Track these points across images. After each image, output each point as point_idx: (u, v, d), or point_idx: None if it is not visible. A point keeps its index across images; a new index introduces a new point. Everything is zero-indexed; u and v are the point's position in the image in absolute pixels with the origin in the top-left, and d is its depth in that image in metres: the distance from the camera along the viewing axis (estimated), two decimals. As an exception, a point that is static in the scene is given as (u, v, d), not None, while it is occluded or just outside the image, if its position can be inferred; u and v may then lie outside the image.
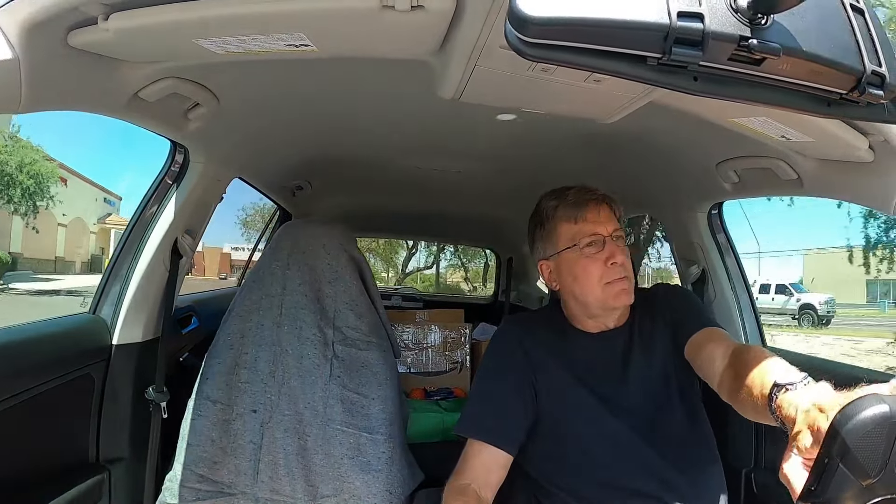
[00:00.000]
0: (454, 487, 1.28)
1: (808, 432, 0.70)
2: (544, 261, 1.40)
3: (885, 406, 0.60)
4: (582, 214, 1.33)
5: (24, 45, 0.82)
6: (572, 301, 1.38)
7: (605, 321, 1.38)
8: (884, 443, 0.59)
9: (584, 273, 1.31)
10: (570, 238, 1.33)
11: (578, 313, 1.40)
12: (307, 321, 1.67)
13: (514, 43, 0.61)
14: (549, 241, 1.37)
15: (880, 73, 0.67)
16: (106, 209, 31.53)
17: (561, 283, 1.37)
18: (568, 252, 1.33)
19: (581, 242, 1.31)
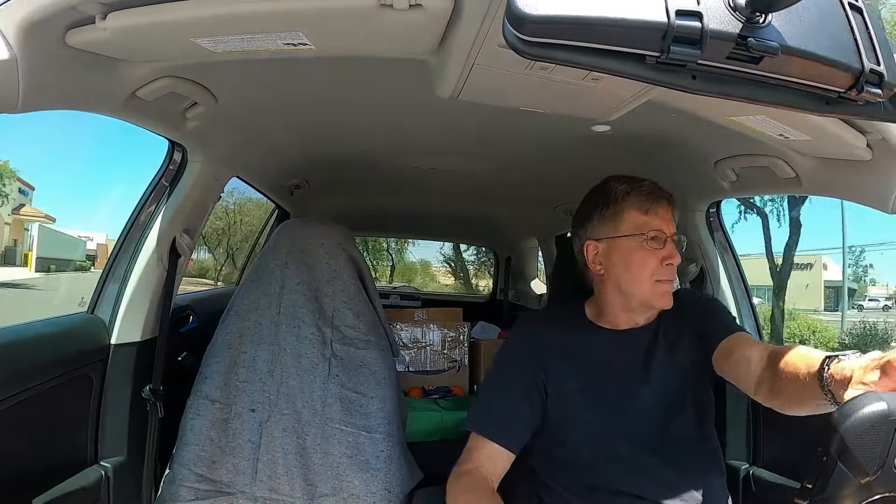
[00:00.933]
0: (460, 472, 1.31)
1: (876, 371, 0.70)
2: (594, 241, 1.34)
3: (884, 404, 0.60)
4: (654, 208, 1.31)
5: (22, 44, 0.81)
6: (613, 290, 1.34)
7: (637, 318, 1.37)
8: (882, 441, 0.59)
9: (640, 264, 1.28)
10: (636, 226, 1.29)
11: (613, 305, 1.36)
12: (305, 320, 1.67)
13: (512, 41, 0.61)
14: (610, 223, 1.32)
15: (878, 71, 0.67)
16: (20, 199, 29.30)
17: (608, 268, 1.33)
18: (628, 239, 1.29)
19: (648, 234, 1.28)
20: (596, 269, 1.35)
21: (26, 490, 1.25)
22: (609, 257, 1.32)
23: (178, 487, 1.55)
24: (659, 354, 1.34)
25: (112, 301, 1.57)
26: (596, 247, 1.34)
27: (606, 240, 1.33)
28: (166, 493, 1.56)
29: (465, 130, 1.67)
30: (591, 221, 1.36)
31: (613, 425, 1.30)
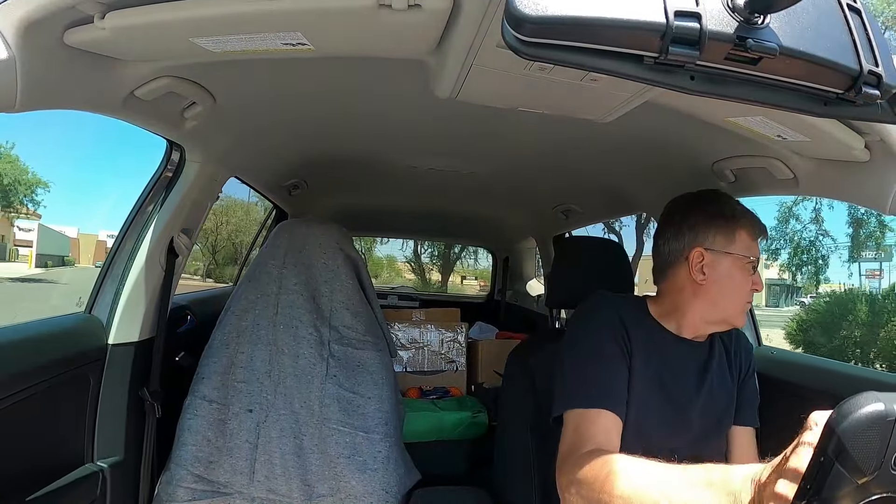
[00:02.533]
0: (586, 455, 1.08)
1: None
2: (705, 249, 1.33)
3: (881, 404, 0.60)
4: (761, 238, 1.35)
5: (20, 43, 0.81)
6: (706, 301, 1.34)
7: (707, 331, 1.38)
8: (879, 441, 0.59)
9: (741, 284, 1.31)
10: (746, 248, 1.32)
11: (698, 315, 1.36)
12: (303, 320, 1.67)
13: (510, 42, 0.61)
14: (725, 237, 1.33)
15: (876, 72, 0.67)
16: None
17: (711, 280, 1.32)
18: (738, 258, 1.31)
19: (754, 261, 1.33)
20: (698, 277, 1.33)
21: (23, 489, 1.25)
22: (716, 269, 1.32)
23: (175, 487, 1.55)
24: (713, 371, 1.36)
25: (110, 301, 1.57)
26: (703, 255, 1.33)
27: (717, 252, 1.32)
28: (163, 493, 1.56)
29: (464, 131, 1.67)
30: (704, 229, 1.35)
31: (672, 429, 1.29)
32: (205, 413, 1.59)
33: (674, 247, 1.37)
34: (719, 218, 1.33)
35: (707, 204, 1.37)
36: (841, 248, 16.33)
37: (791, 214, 16.05)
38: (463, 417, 2.45)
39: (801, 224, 16.07)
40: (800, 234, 16.00)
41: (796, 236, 16.03)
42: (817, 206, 15.57)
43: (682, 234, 1.36)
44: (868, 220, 14.93)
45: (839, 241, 15.63)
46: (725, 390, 1.37)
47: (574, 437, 1.17)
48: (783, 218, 16.27)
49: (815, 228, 15.81)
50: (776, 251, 16.52)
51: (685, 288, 1.35)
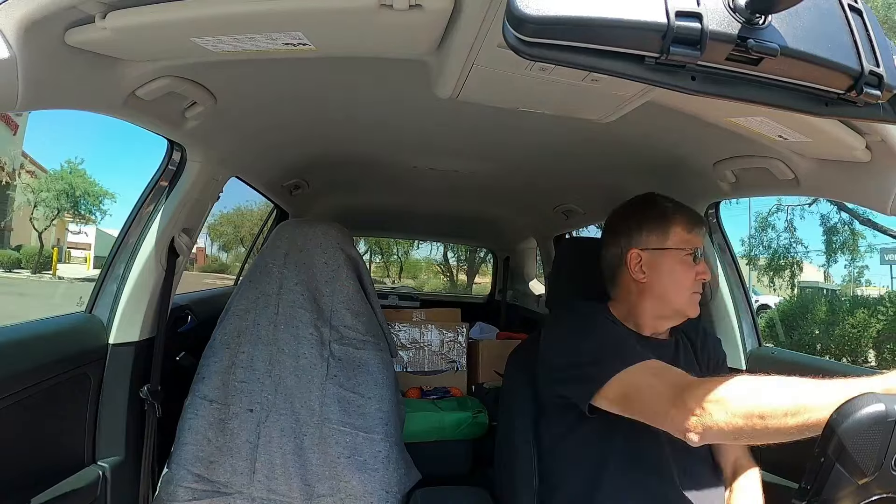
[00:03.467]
0: (704, 381, 1.07)
1: None
2: (640, 250, 1.40)
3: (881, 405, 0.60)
4: (697, 229, 1.42)
5: (22, 43, 0.81)
6: (653, 298, 1.40)
7: (664, 326, 1.45)
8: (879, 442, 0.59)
9: (683, 276, 1.38)
10: (682, 241, 1.39)
11: (649, 312, 1.42)
12: (304, 320, 1.67)
13: (512, 42, 0.61)
14: (659, 235, 1.40)
15: (877, 72, 0.67)
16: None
17: (652, 278, 1.39)
18: (674, 252, 1.38)
19: (693, 251, 1.39)
20: (639, 277, 1.40)
21: (24, 489, 1.25)
22: (654, 267, 1.39)
23: (175, 487, 1.55)
24: (681, 367, 1.35)
25: (110, 300, 1.57)
26: (640, 255, 1.40)
27: (653, 250, 1.40)
28: (164, 492, 1.56)
29: (465, 131, 1.67)
30: (637, 231, 1.42)
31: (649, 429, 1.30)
32: (205, 413, 1.59)
33: (613, 252, 1.46)
34: (650, 218, 1.41)
35: (638, 207, 1.46)
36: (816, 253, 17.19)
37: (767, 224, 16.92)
38: (463, 417, 2.45)
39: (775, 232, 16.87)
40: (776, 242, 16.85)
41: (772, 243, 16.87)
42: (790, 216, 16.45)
43: (617, 240, 1.44)
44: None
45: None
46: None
47: (666, 378, 1.15)
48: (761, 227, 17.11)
49: (788, 236, 16.71)
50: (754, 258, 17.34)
51: (631, 289, 1.43)
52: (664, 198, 1.46)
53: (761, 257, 16.99)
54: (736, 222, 19.76)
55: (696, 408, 1.00)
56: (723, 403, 0.97)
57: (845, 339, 10.15)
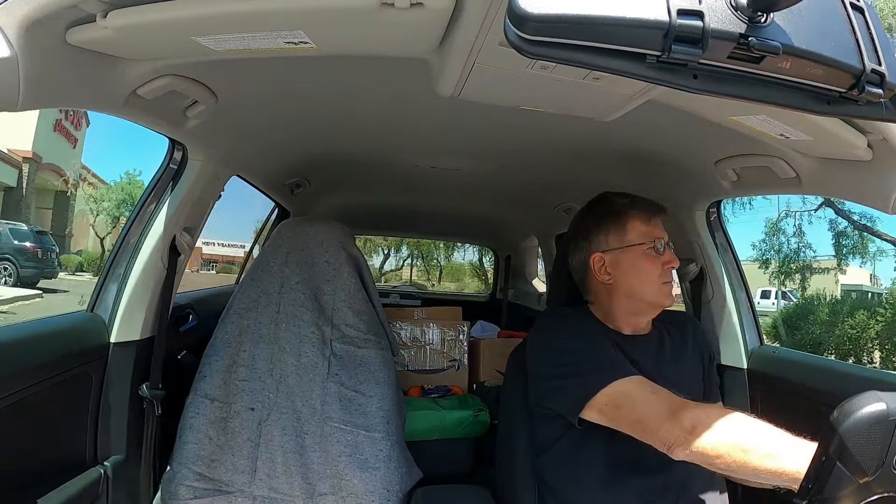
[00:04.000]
0: (692, 408, 1.13)
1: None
2: (600, 253, 1.41)
3: (882, 404, 0.60)
4: (654, 219, 1.42)
5: (23, 42, 0.81)
6: (622, 297, 1.41)
7: (642, 321, 1.45)
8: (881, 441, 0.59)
9: (648, 269, 1.38)
10: (641, 235, 1.39)
11: (622, 310, 1.42)
12: (305, 319, 1.67)
13: (513, 40, 0.61)
14: (616, 234, 1.40)
15: (879, 71, 0.67)
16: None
17: (617, 277, 1.40)
18: (635, 248, 1.38)
19: (654, 242, 1.38)
20: (605, 279, 1.41)
21: (25, 488, 1.25)
22: (618, 266, 1.40)
23: (177, 486, 1.55)
24: (667, 361, 1.42)
25: (112, 299, 1.57)
26: (602, 258, 1.41)
27: (613, 250, 1.40)
28: (165, 491, 1.56)
29: (466, 129, 1.67)
30: (595, 234, 1.43)
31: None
32: (206, 411, 1.60)
33: (578, 259, 1.47)
34: (606, 218, 1.43)
35: (593, 210, 1.48)
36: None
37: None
38: (464, 416, 2.45)
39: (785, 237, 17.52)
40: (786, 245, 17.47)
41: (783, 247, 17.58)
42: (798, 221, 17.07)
43: (579, 247, 1.46)
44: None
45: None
46: (685, 372, 1.43)
47: (658, 393, 1.19)
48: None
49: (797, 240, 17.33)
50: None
51: (601, 291, 1.44)
52: (619, 194, 1.47)
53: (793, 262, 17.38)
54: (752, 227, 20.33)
55: (689, 426, 1.07)
56: (714, 428, 1.05)
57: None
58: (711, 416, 1.08)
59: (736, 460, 1.00)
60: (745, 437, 1.01)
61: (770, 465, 0.94)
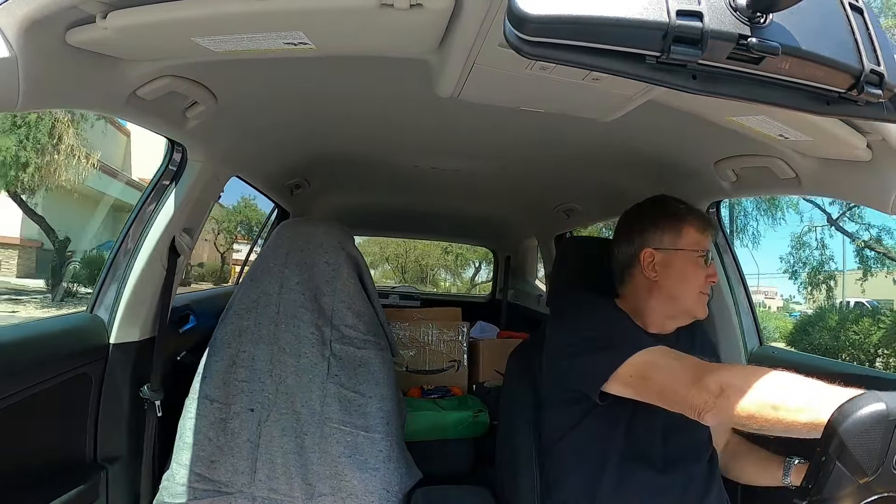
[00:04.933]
0: (724, 368, 1.16)
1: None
2: (654, 249, 1.42)
3: (882, 404, 0.60)
4: (707, 231, 1.44)
5: (22, 43, 0.81)
6: (663, 297, 1.42)
7: (671, 326, 1.46)
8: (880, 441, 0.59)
9: (693, 276, 1.40)
10: (694, 243, 1.41)
11: (658, 310, 1.44)
12: (305, 319, 1.67)
13: (512, 41, 0.61)
14: (672, 235, 1.42)
15: (879, 71, 0.67)
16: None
17: (663, 276, 1.41)
18: (687, 253, 1.40)
19: (705, 253, 1.41)
20: (651, 276, 1.42)
21: (25, 488, 1.25)
22: (666, 266, 1.41)
23: (176, 487, 1.55)
24: None
25: (111, 300, 1.57)
26: (653, 255, 1.42)
27: (666, 250, 1.42)
28: (165, 492, 1.56)
29: (466, 130, 1.67)
30: (651, 231, 1.44)
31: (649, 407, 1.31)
32: (206, 412, 1.59)
33: (625, 251, 1.48)
34: (664, 218, 1.44)
35: (653, 208, 1.48)
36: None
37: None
38: (464, 417, 2.45)
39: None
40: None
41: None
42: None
43: (632, 239, 1.46)
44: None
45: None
46: None
47: (682, 359, 1.19)
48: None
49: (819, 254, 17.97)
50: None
51: (642, 288, 1.45)
52: (676, 200, 1.48)
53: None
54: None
55: (716, 389, 1.05)
56: (741, 388, 1.02)
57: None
58: (738, 375, 1.06)
59: (768, 419, 0.96)
60: (773, 394, 0.98)
61: (804, 419, 0.89)
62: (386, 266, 27.49)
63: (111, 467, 1.51)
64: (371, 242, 25.93)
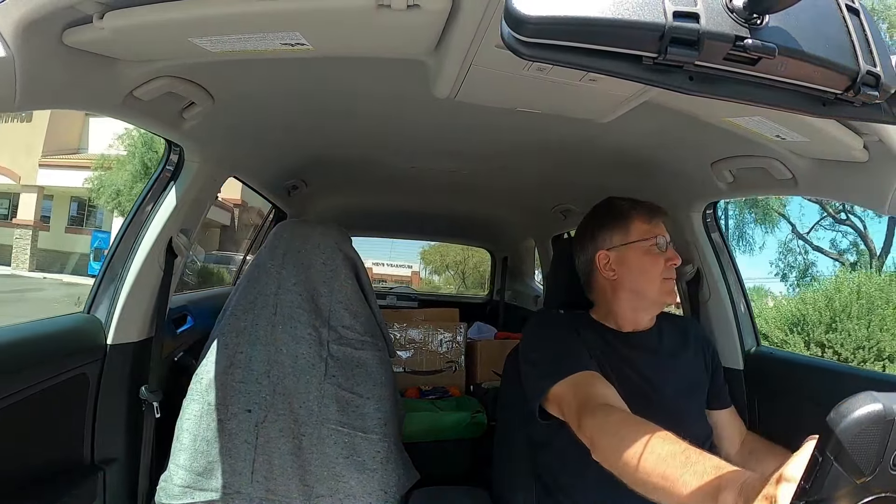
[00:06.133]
0: (596, 407, 1.13)
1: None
2: (605, 251, 1.47)
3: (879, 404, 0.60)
4: (656, 220, 1.48)
5: (19, 43, 0.81)
6: (627, 293, 1.46)
7: (644, 318, 1.49)
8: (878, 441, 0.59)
9: (651, 265, 1.43)
10: (643, 233, 1.45)
11: (625, 306, 1.47)
12: (302, 320, 1.66)
13: (509, 42, 0.61)
14: (620, 233, 1.46)
15: (875, 72, 0.67)
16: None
17: (622, 274, 1.45)
18: (638, 245, 1.44)
19: (657, 240, 1.44)
20: (609, 276, 1.46)
21: (23, 489, 1.25)
22: (622, 263, 1.45)
23: (173, 488, 1.55)
24: (664, 359, 1.47)
25: (109, 301, 1.57)
26: (607, 256, 1.47)
27: (618, 248, 1.46)
28: (162, 493, 1.56)
29: (463, 131, 1.67)
30: (600, 234, 1.49)
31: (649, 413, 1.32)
32: (203, 413, 1.59)
33: (583, 259, 1.53)
34: (610, 218, 1.49)
35: (599, 212, 1.53)
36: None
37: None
38: (462, 417, 2.45)
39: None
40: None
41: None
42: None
43: (585, 246, 1.52)
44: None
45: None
46: (683, 368, 1.48)
47: (578, 397, 1.20)
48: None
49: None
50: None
51: (605, 289, 1.49)
52: (621, 199, 1.53)
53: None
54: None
55: (589, 433, 1.09)
56: (607, 440, 1.04)
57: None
58: (606, 424, 1.07)
59: (627, 476, 0.95)
60: (634, 453, 0.94)
61: (661, 484, 0.86)
62: (448, 272, 28.47)
63: (108, 468, 1.51)
64: (433, 251, 26.73)
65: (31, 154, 21.24)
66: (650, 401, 1.35)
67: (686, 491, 0.80)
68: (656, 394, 1.38)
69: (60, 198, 23.12)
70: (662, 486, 0.85)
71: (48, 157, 21.34)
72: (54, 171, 21.34)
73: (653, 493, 0.89)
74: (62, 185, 21.80)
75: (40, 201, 22.30)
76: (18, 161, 21.34)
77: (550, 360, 1.34)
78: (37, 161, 21.38)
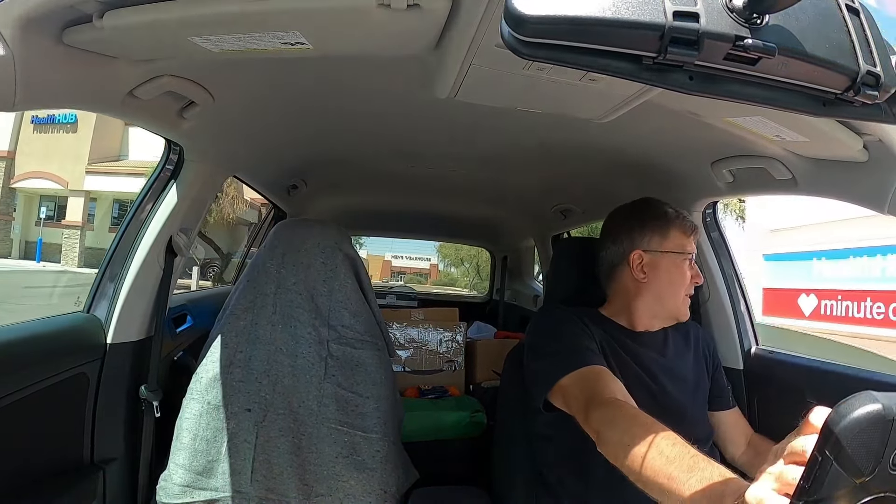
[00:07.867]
0: (605, 401, 1.13)
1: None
2: (643, 251, 1.46)
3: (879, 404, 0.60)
4: (693, 235, 1.49)
5: (19, 42, 0.81)
6: (650, 298, 1.47)
7: (657, 325, 1.50)
8: (878, 441, 0.59)
9: (679, 279, 1.45)
10: (680, 245, 1.46)
11: (644, 309, 1.48)
12: (301, 320, 1.66)
13: (509, 42, 0.61)
14: (660, 237, 1.46)
15: (875, 73, 0.67)
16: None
17: (652, 278, 1.45)
18: (673, 255, 1.45)
19: (690, 256, 1.46)
20: (639, 277, 1.46)
21: (22, 489, 1.25)
22: (654, 268, 1.46)
23: (173, 487, 1.54)
24: (671, 356, 1.48)
25: (108, 300, 1.57)
26: (642, 256, 1.46)
27: (655, 252, 1.45)
28: (162, 492, 1.56)
29: (463, 130, 1.67)
30: (639, 233, 1.48)
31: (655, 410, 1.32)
32: (203, 412, 1.59)
33: (614, 252, 1.52)
34: (652, 220, 1.48)
35: (640, 210, 1.52)
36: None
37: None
38: (461, 417, 2.45)
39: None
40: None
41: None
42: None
43: (619, 240, 1.50)
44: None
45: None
46: (686, 369, 1.49)
47: (586, 391, 1.21)
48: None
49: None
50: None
51: (629, 288, 1.49)
52: (663, 203, 1.52)
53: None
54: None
55: (596, 425, 1.09)
56: (615, 434, 1.04)
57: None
58: (614, 419, 1.07)
59: (632, 472, 0.95)
60: (639, 450, 0.94)
61: (665, 484, 0.86)
62: (464, 266, 29.02)
63: (108, 468, 1.51)
64: (449, 246, 26.90)
65: (78, 161, 22.76)
66: (654, 398, 1.36)
67: (690, 493, 0.81)
68: (660, 392, 1.39)
69: (103, 200, 24.36)
70: (668, 487, 0.86)
71: (93, 165, 22.80)
72: (99, 178, 22.84)
73: (657, 492, 0.89)
74: (105, 189, 23.13)
75: (87, 205, 23.67)
76: (66, 168, 22.86)
77: (559, 353, 1.34)
78: (84, 168, 22.86)
